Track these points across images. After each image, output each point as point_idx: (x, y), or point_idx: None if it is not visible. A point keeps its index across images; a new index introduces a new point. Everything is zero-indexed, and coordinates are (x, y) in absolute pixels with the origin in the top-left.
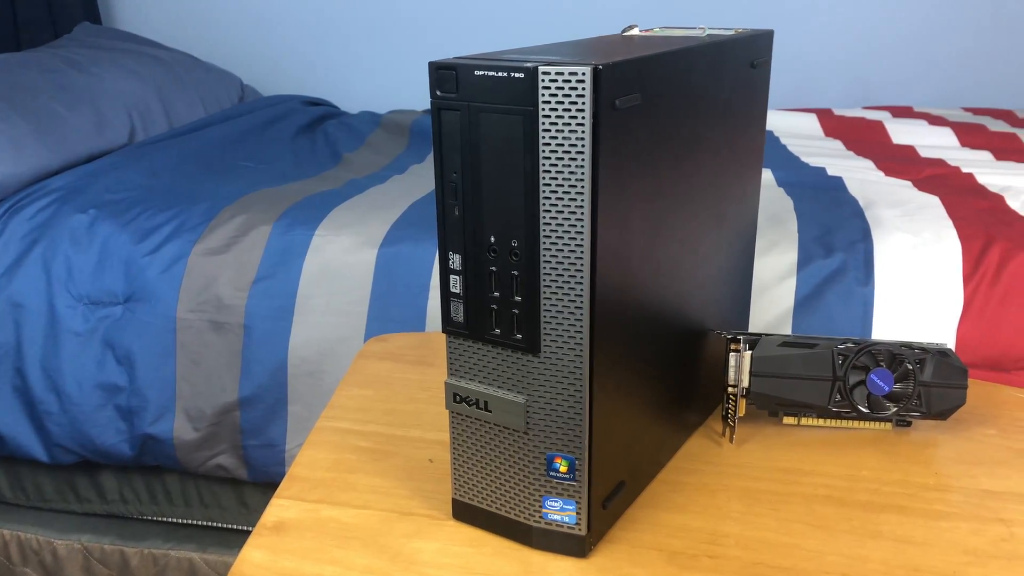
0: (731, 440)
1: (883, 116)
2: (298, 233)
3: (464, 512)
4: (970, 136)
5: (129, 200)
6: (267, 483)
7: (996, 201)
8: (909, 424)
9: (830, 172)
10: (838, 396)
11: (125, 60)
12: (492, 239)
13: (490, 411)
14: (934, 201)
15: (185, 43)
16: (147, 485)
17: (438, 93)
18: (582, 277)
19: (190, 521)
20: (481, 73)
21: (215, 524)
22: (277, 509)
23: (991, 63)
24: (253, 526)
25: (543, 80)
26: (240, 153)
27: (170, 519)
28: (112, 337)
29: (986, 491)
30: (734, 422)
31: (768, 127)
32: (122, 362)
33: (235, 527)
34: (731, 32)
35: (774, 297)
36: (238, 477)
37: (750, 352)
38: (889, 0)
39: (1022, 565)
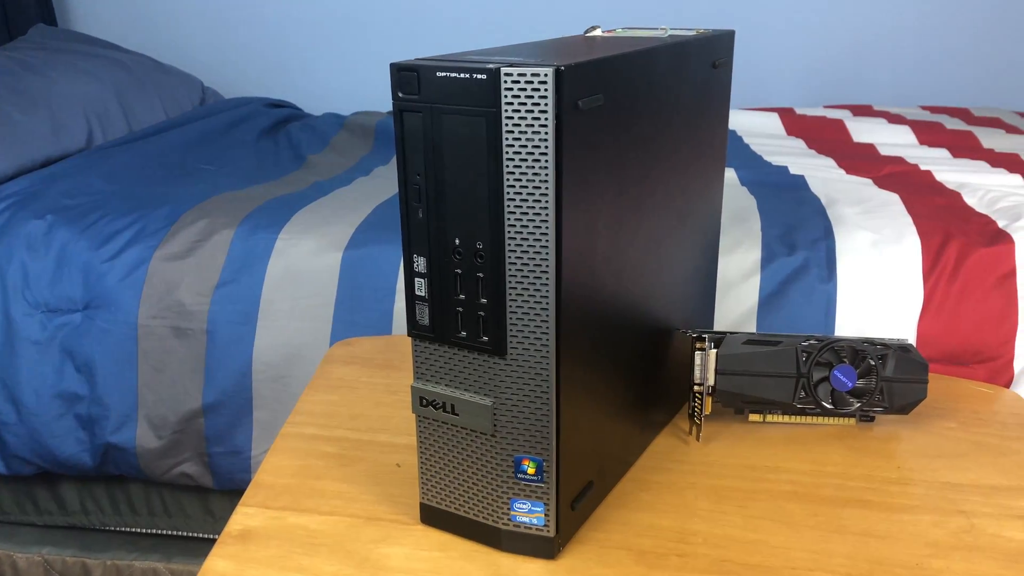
0: (698, 438)
1: (843, 115)
2: (261, 237)
3: (432, 516)
4: (928, 134)
5: (87, 205)
6: (233, 490)
7: (953, 198)
8: (872, 419)
9: (792, 171)
10: (802, 393)
11: (82, 62)
12: (457, 241)
13: (457, 414)
14: (894, 198)
15: (144, 45)
16: (109, 495)
17: (400, 95)
18: (548, 278)
19: (154, 531)
20: (443, 74)
21: (180, 533)
22: (242, 517)
23: (948, 62)
24: (219, 534)
25: (506, 81)
26: (202, 156)
27: (134, 529)
28: (71, 345)
29: (947, 483)
30: (700, 420)
31: (731, 127)
32: (82, 370)
33: (201, 536)
34: (692, 33)
35: (739, 295)
36: (203, 485)
37: (715, 350)
38: (847, 1)
39: (982, 556)
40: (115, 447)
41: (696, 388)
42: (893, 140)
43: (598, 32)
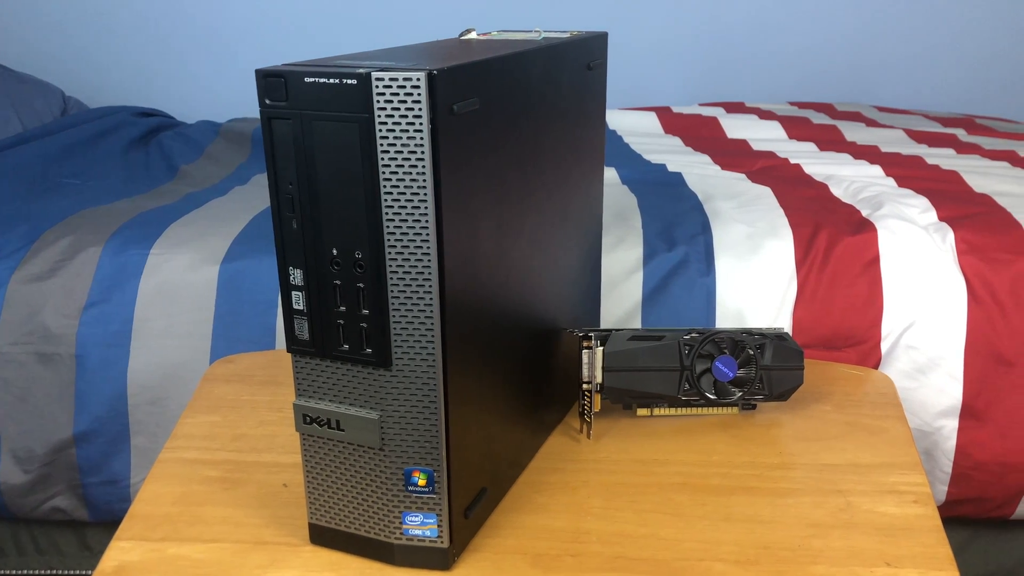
0: (588, 436)
1: (717, 112)
2: (132, 253)
3: (322, 536)
4: (796, 129)
5: None
6: (112, 522)
7: (821, 190)
8: (754, 407)
9: (670, 168)
10: (687, 385)
11: None
12: (334, 252)
13: (343, 430)
14: (766, 192)
15: None
16: None
17: (267, 102)
18: (431, 286)
19: (25, 571)
20: (312, 80)
21: (54, 572)
22: (117, 552)
23: (814, 58)
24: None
25: (377, 87)
26: (64, 170)
27: (2, 572)
28: None
29: (825, 465)
30: (590, 418)
31: (611, 126)
32: None
33: (77, 573)
34: (566, 35)
35: (623, 292)
36: (78, 519)
37: (601, 348)
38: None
39: (859, 532)
40: None
41: (585, 386)
42: (764, 135)
43: (473, 35)
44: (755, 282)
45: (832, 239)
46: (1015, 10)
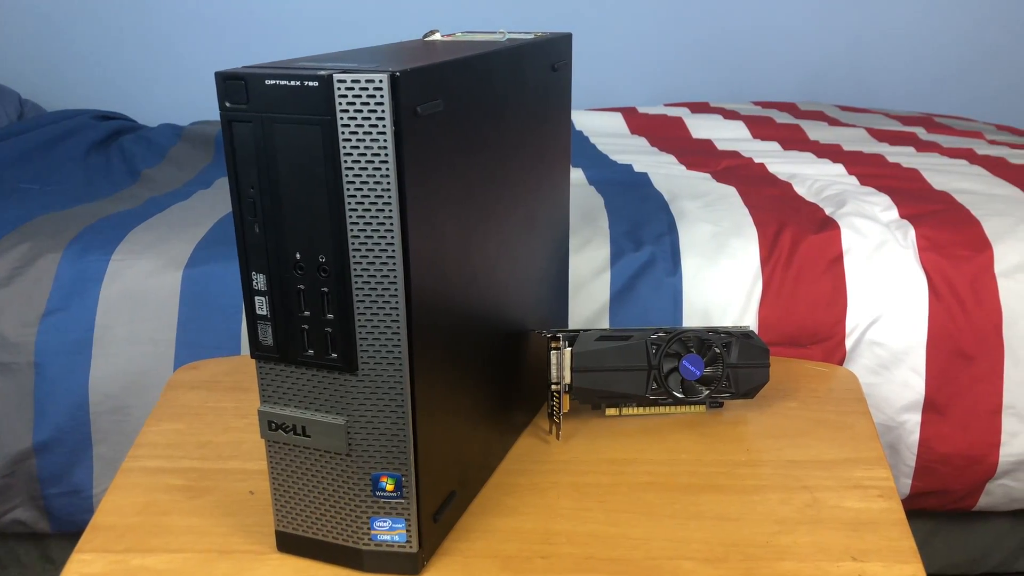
0: (558, 437)
1: (682, 112)
2: (92, 258)
3: (289, 543)
4: (760, 128)
5: None
6: (74, 533)
7: (785, 188)
8: (721, 405)
9: (636, 168)
10: (654, 384)
11: None
12: (298, 256)
13: (309, 436)
14: (731, 191)
15: None
16: None
17: (227, 104)
18: (396, 289)
19: None
20: (273, 82)
21: None
22: (78, 565)
23: (778, 58)
24: None
25: (339, 88)
26: (22, 175)
27: None
28: None
29: (791, 461)
30: (559, 419)
31: (578, 127)
32: None
33: None
34: (531, 36)
35: (591, 292)
36: (39, 531)
37: (570, 349)
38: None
39: (825, 527)
40: None
41: (554, 387)
42: (728, 135)
43: (437, 36)
44: (721, 281)
45: (796, 237)
46: (966, 10)
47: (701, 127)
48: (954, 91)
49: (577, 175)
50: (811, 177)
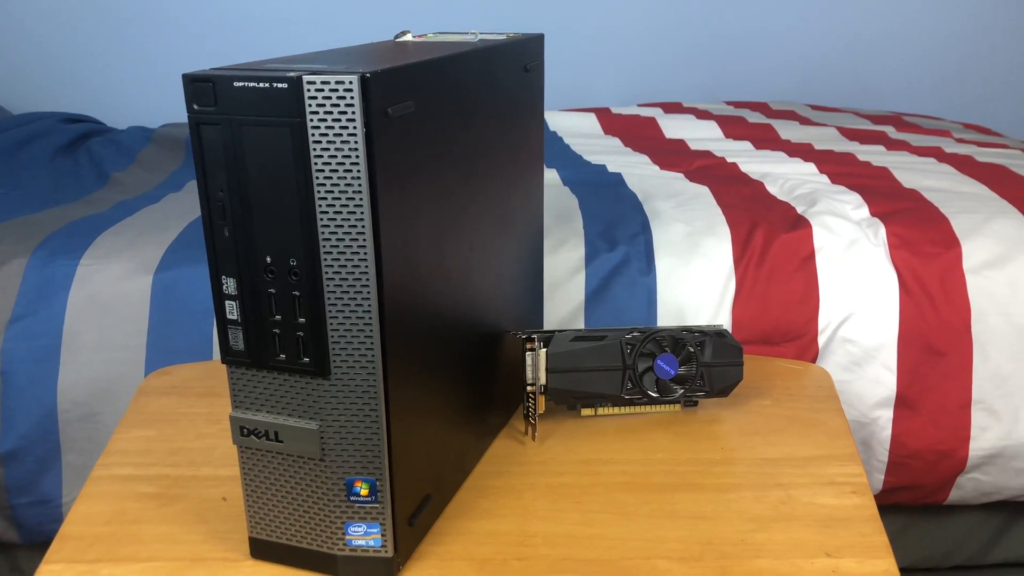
0: (533, 438)
1: (655, 112)
2: (60, 263)
3: (263, 550)
4: (732, 128)
5: None
6: (44, 543)
7: (757, 188)
8: (696, 403)
9: (610, 169)
10: (629, 384)
11: None
12: (268, 259)
13: (282, 441)
14: (704, 191)
15: None
16: None
17: (195, 107)
18: (369, 292)
19: None
20: (241, 84)
21: None
22: None
23: (750, 57)
24: None
25: (309, 90)
26: None
27: None
28: None
29: (765, 459)
30: (535, 420)
31: (551, 128)
32: None
33: None
34: (503, 36)
35: (566, 293)
36: (8, 541)
37: (545, 350)
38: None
39: (799, 525)
40: None
41: (529, 388)
42: (701, 135)
43: (408, 37)
44: (695, 280)
45: (769, 236)
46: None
47: (674, 127)
48: (928, 94)
49: (551, 176)
50: (783, 176)
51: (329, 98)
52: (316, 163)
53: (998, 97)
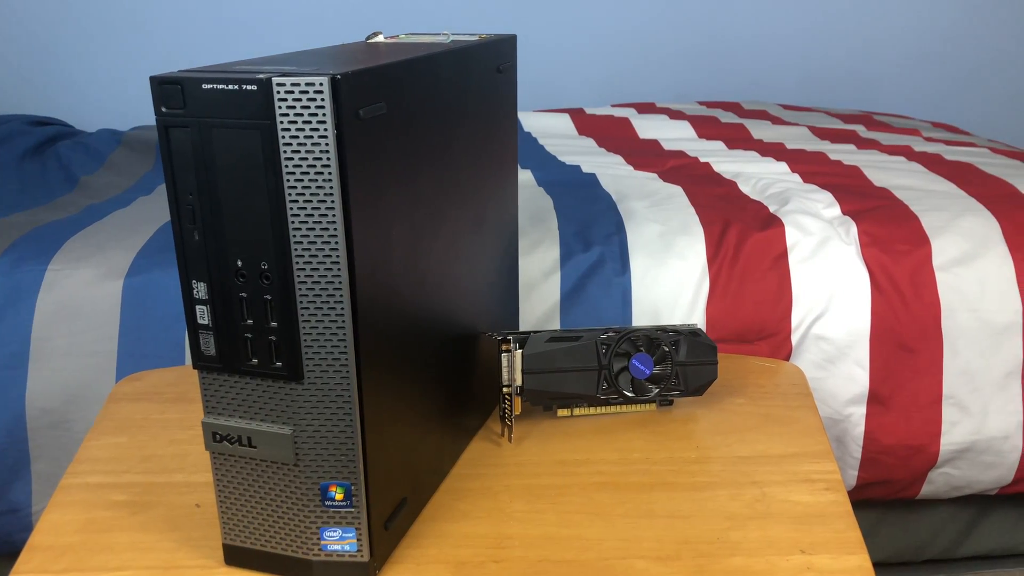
0: (510, 439)
1: (629, 113)
2: (28, 268)
3: (237, 556)
4: (705, 128)
5: None
6: (13, 554)
7: (730, 187)
8: (671, 403)
9: (585, 169)
10: (605, 384)
11: None
12: (239, 263)
13: (255, 447)
14: (678, 191)
15: None
16: None
17: (164, 110)
18: (341, 295)
19: None
20: (210, 87)
21: None
22: None
23: (722, 57)
24: None
25: (278, 92)
26: None
27: None
28: None
29: (740, 457)
30: (511, 421)
31: (526, 128)
32: None
33: None
34: (475, 37)
35: (542, 293)
36: None
37: (520, 351)
38: (611, 4)
39: (774, 522)
40: None
41: (505, 389)
42: (674, 135)
43: (380, 38)
44: (669, 280)
45: (742, 235)
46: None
47: (647, 127)
48: (891, 93)
49: (526, 176)
50: (755, 176)
51: (299, 100)
52: (287, 165)
53: (958, 93)
